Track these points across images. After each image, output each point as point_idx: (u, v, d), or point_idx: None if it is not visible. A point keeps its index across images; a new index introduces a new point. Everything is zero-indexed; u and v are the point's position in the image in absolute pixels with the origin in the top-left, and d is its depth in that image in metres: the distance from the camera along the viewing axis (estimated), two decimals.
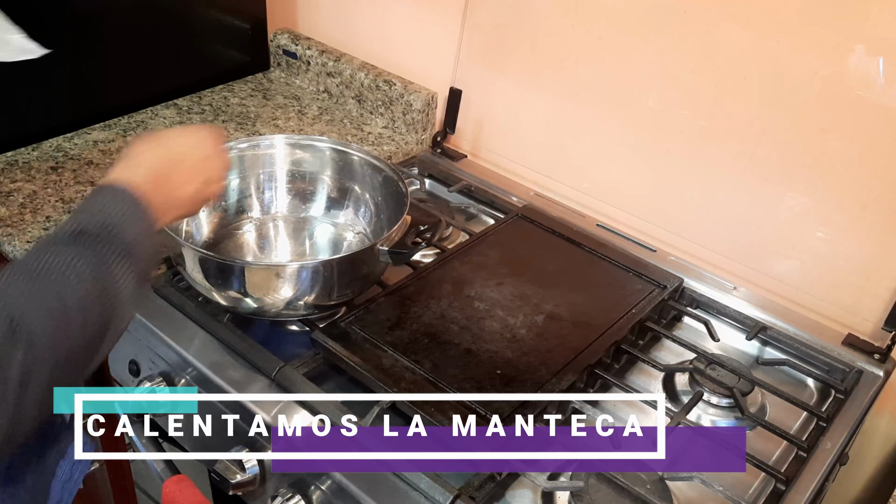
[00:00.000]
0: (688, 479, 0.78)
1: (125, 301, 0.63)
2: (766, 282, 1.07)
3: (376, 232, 1.04)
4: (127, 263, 0.63)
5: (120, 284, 0.63)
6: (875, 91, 0.90)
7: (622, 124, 1.13)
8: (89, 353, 0.61)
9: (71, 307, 0.58)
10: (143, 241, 0.66)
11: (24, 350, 0.54)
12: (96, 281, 0.60)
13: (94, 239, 0.63)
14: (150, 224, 0.68)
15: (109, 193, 0.67)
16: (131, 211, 0.67)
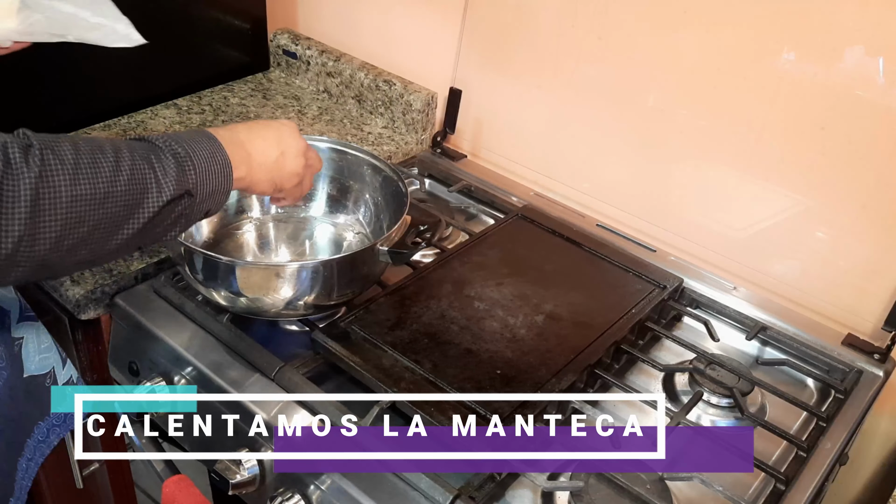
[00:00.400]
0: (687, 479, 0.78)
1: (162, 190, 0.65)
2: (766, 282, 1.07)
3: (376, 232, 1.04)
4: (173, 169, 0.65)
5: (158, 174, 0.64)
6: (875, 91, 0.91)
7: (622, 124, 1.13)
8: (110, 216, 0.62)
9: (101, 166, 0.60)
10: (202, 161, 0.69)
11: (40, 166, 0.56)
12: (132, 159, 0.63)
13: (150, 143, 0.66)
14: (217, 153, 0.71)
15: (189, 130, 0.72)
16: (200, 139, 0.70)
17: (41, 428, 0.83)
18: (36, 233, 0.56)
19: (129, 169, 0.62)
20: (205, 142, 0.70)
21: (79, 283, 0.91)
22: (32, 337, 0.82)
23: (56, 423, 0.85)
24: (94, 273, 0.93)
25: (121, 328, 0.95)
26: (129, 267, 0.95)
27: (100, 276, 0.93)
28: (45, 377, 0.83)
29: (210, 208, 0.72)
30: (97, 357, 0.99)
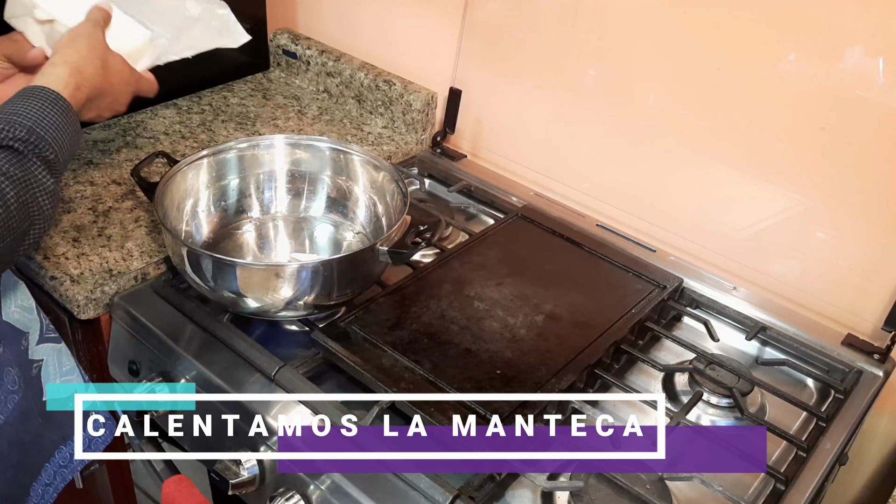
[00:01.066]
0: (687, 479, 0.78)
1: (44, 212, 0.65)
2: (766, 282, 1.07)
3: (376, 232, 1.04)
4: (50, 181, 0.66)
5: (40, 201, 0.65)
6: (875, 91, 0.91)
7: (622, 124, 1.13)
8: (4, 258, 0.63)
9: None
10: (63, 155, 0.68)
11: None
12: (17, 195, 0.62)
13: (18, 154, 0.64)
14: (73, 134, 0.70)
15: (43, 99, 0.69)
16: (60, 122, 0.68)
17: (63, 452, 0.81)
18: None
19: (15, 214, 0.62)
20: (62, 119, 0.69)
21: (79, 283, 0.91)
22: (53, 359, 0.81)
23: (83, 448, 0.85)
24: (94, 273, 0.93)
25: (121, 328, 0.95)
26: (129, 267, 0.95)
27: (100, 276, 0.93)
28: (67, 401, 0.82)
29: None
30: (97, 357, 0.98)
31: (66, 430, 0.82)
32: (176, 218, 0.96)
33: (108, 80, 0.78)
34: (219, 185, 1.03)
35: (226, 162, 1.02)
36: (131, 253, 0.97)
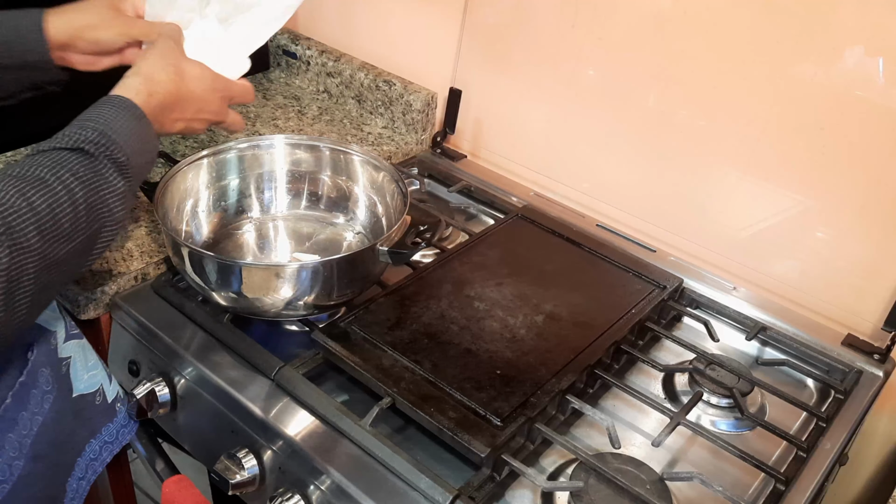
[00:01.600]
0: (687, 479, 0.78)
1: (115, 214, 0.65)
2: (766, 282, 1.07)
3: (376, 232, 1.04)
4: (121, 184, 0.65)
5: (111, 203, 0.64)
6: (875, 91, 0.91)
7: (622, 124, 1.13)
8: (77, 261, 0.62)
9: (60, 218, 0.59)
10: (136, 158, 0.68)
11: (8, 255, 0.55)
12: (86, 198, 0.62)
13: (89, 156, 0.64)
14: (150, 138, 0.70)
15: (117, 106, 0.69)
16: (132, 123, 0.68)
17: (93, 446, 0.82)
18: (11, 319, 0.56)
19: (85, 215, 0.61)
20: (136, 127, 0.69)
21: (79, 283, 0.91)
22: (80, 355, 0.81)
23: (108, 441, 0.85)
24: (94, 273, 0.93)
25: (121, 328, 0.95)
26: (129, 267, 0.95)
27: (100, 276, 0.93)
28: (95, 395, 0.82)
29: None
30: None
31: (94, 424, 0.82)
32: (176, 218, 0.96)
33: (187, 86, 0.77)
34: (219, 185, 1.03)
35: (226, 162, 1.03)
36: (131, 253, 0.97)
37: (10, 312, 0.55)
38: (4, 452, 0.68)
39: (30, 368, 0.72)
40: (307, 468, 0.78)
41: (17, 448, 0.69)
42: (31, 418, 0.71)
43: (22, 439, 0.70)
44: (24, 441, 0.70)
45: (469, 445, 0.75)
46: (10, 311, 0.55)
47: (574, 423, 0.87)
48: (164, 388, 0.90)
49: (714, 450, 0.85)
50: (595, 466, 0.78)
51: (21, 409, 0.70)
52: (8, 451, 0.68)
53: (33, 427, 0.72)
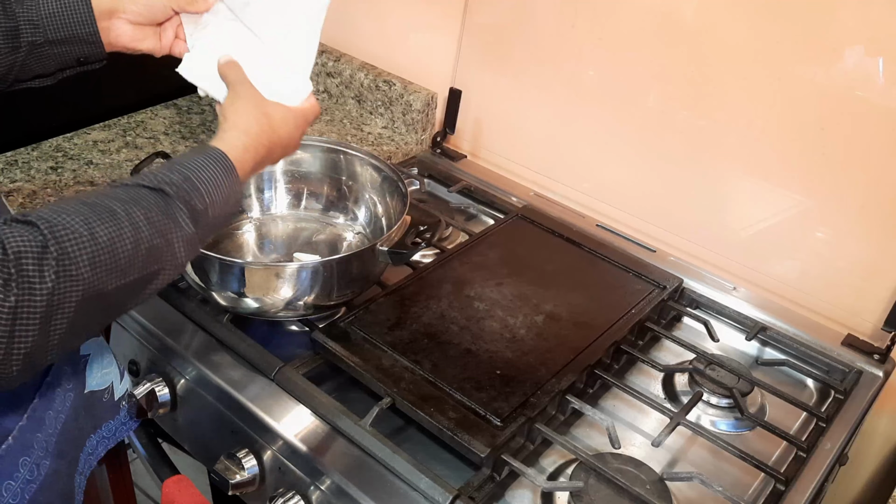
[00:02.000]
0: (687, 479, 0.78)
1: (177, 259, 0.63)
2: (766, 282, 1.07)
3: (376, 232, 1.04)
4: (190, 230, 0.63)
5: (175, 247, 0.62)
6: (875, 91, 0.91)
7: (622, 124, 1.13)
8: (125, 298, 0.60)
9: (118, 253, 0.57)
10: (216, 209, 0.66)
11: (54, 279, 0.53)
12: (150, 238, 0.60)
13: (166, 197, 0.62)
14: (233, 192, 0.68)
15: (209, 156, 0.68)
16: (219, 175, 0.67)
17: (92, 441, 0.83)
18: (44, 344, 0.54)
19: (144, 254, 0.59)
20: (222, 178, 0.67)
21: None
22: (97, 353, 0.81)
23: (106, 436, 0.85)
24: None
25: (121, 328, 0.95)
26: None
27: None
28: (104, 392, 0.83)
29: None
30: None
31: (97, 419, 0.83)
32: None
33: (277, 134, 0.77)
34: None
35: None
36: None
37: (45, 336, 0.54)
38: (34, 452, 0.68)
39: (54, 367, 0.72)
40: (307, 468, 0.78)
41: (44, 447, 0.70)
42: (55, 417, 0.72)
43: (48, 438, 0.70)
44: (49, 440, 0.71)
45: (469, 445, 0.75)
46: (45, 334, 0.54)
47: (574, 423, 0.87)
48: (164, 388, 0.90)
49: (714, 450, 0.85)
50: (595, 466, 0.78)
51: (48, 408, 0.70)
52: (37, 450, 0.69)
53: (57, 425, 0.72)
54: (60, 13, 0.75)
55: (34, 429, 0.68)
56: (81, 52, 0.77)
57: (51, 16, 0.74)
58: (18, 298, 0.51)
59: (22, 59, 0.75)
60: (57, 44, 0.76)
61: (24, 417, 0.67)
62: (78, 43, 0.76)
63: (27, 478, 0.67)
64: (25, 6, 0.74)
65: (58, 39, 0.75)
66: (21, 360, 0.53)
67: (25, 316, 0.52)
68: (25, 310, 0.52)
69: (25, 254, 0.52)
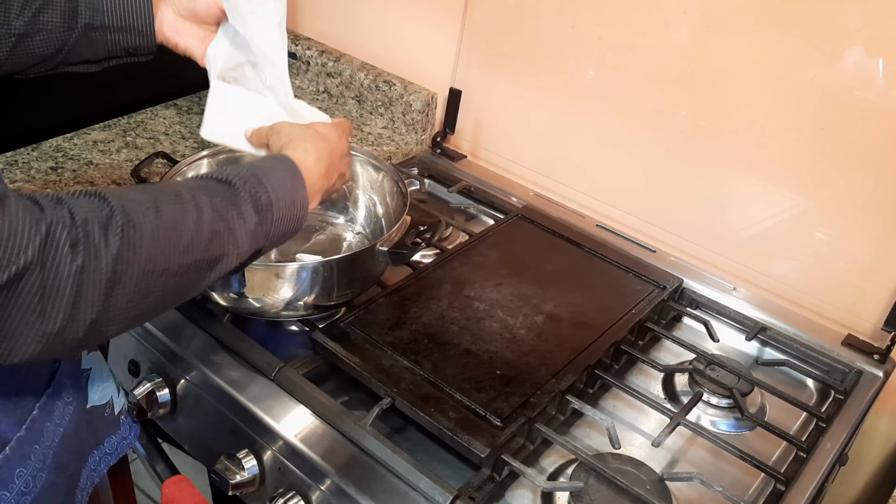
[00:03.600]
0: (687, 479, 0.78)
1: (240, 247, 0.63)
2: (766, 282, 1.07)
3: (376, 232, 1.04)
4: (254, 219, 0.64)
5: (238, 234, 0.63)
6: (875, 91, 0.91)
7: (622, 124, 1.13)
8: (187, 280, 0.61)
9: (181, 230, 0.58)
10: (282, 209, 0.67)
11: (118, 244, 0.54)
12: (212, 222, 0.61)
13: (232, 188, 0.64)
14: (299, 196, 0.69)
15: (277, 159, 0.70)
16: (287, 177, 0.68)
17: (94, 457, 0.82)
18: (108, 311, 0.55)
19: (208, 234, 0.60)
20: (289, 181, 0.69)
21: None
22: (97, 368, 0.82)
23: (108, 452, 0.85)
24: None
25: None
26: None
27: None
28: (105, 407, 0.83)
29: (275, 247, 0.70)
30: None
31: (100, 435, 0.83)
32: None
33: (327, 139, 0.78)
34: None
35: (226, 162, 1.02)
36: None
37: (109, 303, 0.54)
38: (30, 464, 0.68)
39: (56, 380, 0.72)
40: (307, 468, 0.78)
41: (42, 460, 0.69)
42: (54, 430, 0.71)
43: (45, 450, 0.70)
44: (47, 452, 0.70)
45: (469, 446, 0.75)
46: (109, 302, 0.54)
47: (574, 424, 0.87)
48: (164, 388, 0.90)
49: (714, 450, 0.85)
50: (595, 467, 0.78)
51: (46, 420, 0.70)
52: (34, 462, 0.68)
53: (55, 438, 0.72)
54: (121, 1, 0.77)
55: (32, 440, 0.68)
56: (133, 42, 0.79)
57: (112, 2, 0.77)
58: (85, 260, 0.52)
59: (74, 40, 0.77)
60: (112, 30, 0.78)
61: (23, 428, 0.67)
62: (132, 32, 0.79)
63: (22, 489, 0.67)
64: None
65: (114, 26, 0.77)
66: (88, 326, 0.54)
67: (91, 279, 0.52)
68: (91, 273, 0.52)
69: (92, 220, 0.53)
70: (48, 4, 0.75)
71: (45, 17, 0.75)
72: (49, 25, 0.75)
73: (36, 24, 0.75)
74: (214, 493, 1.05)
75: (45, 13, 0.75)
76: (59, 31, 0.76)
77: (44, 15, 0.75)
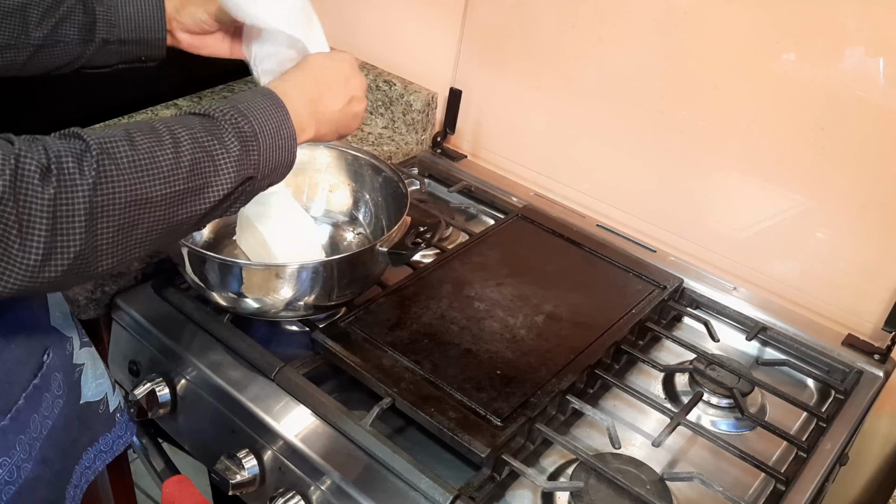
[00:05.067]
0: (688, 479, 0.78)
1: (221, 176, 0.63)
2: (766, 282, 1.07)
3: (376, 232, 1.04)
4: (237, 148, 0.63)
5: (220, 164, 0.62)
6: (875, 91, 0.91)
7: (622, 124, 1.13)
8: (172, 211, 0.60)
9: (159, 159, 0.58)
10: (266, 139, 0.66)
11: (94, 175, 0.54)
12: (192, 151, 0.60)
13: (212, 119, 0.63)
14: (285, 125, 0.68)
15: (257, 91, 0.69)
16: (268, 106, 0.67)
17: (89, 454, 0.82)
18: (93, 242, 0.55)
19: (188, 163, 0.60)
20: (271, 111, 0.68)
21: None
22: (90, 363, 0.81)
23: (104, 450, 0.84)
24: None
25: (121, 328, 0.95)
26: (128, 267, 0.95)
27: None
28: (99, 403, 0.82)
29: (272, 182, 0.70)
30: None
31: (94, 432, 0.82)
32: None
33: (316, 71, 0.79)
34: None
35: None
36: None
37: (93, 237, 0.54)
38: (15, 454, 0.68)
39: (44, 371, 0.71)
40: (307, 468, 0.78)
41: (27, 450, 0.69)
42: (41, 422, 0.71)
43: (32, 442, 0.70)
44: (33, 444, 0.70)
45: (469, 445, 0.75)
46: (93, 235, 0.54)
47: (574, 424, 0.87)
48: (165, 388, 0.90)
49: (714, 450, 0.85)
50: (595, 466, 0.78)
51: (33, 411, 0.70)
52: (18, 452, 0.68)
53: (42, 431, 0.71)
54: (137, 17, 0.80)
55: (17, 430, 0.68)
56: (145, 52, 0.82)
57: (128, 18, 0.79)
58: (58, 191, 0.52)
59: (91, 53, 0.79)
60: (127, 43, 0.80)
61: (7, 418, 0.66)
62: (145, 45, 0.81)
63: (6, 479, 0.67)
64: (105, 5, 0.78)
65: (129, 40, 0.80)
66: (69, 260, 0.54)
67: (67, 210, 0.52)
68: (66, 204, 0.52)
69: (66, 153, 0.53)
70: (67, 17, 0.76)
71: (63, 30, 0.77)
72: (67, 38, 0.77)
73: (55, 36, 0.76)
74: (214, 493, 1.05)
75: (64, 26, 0.76)
76: (76, 43, 0.77)
77: (63, 28, 0.76)
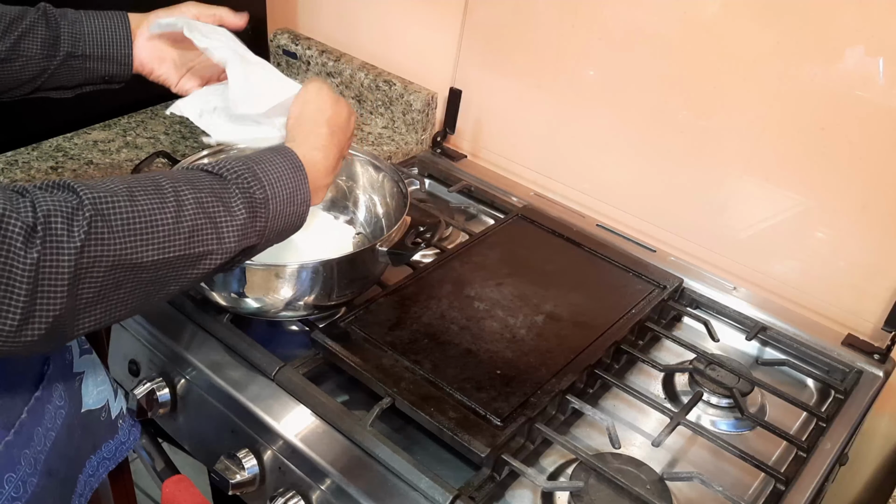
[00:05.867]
0: (687, 479, 0.78)
1: (224, 244, 0.60)
2: (766, 282, 1.07)
3: (376, 232, 1.04)
4: (243, 216, 0.60)
5: (224, 232, 0.59)
6: (875, 91, 0.91)
7: (622, 124, 1.13)
8: (164, 276, 0.57)
9: (158, 225, 0.55)
10: (278, 204, 0.64)
11: (83, 237, 0.51)
12: (194, 217, 0.57)
13: (222, 181, 0.60)
14: (300, 192, 0.66)
15: (279, 152, 0.67)
16: (286, 172, 0.65)
17: (92, 462, 0.81)
18: (73, 305, 0.52)
19: (188, 229, 0.56)
20: (290, 174, 0.65)
21: None
22: (91, 371, 0.81)
23: (106, 457, 0.84)
24: None
25: (121, 328, 0.95)
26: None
27: None
28: (101, 411, 0.82)
29: (273, 244, 0.67)
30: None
31: (97, 440, 0.82)
32: None
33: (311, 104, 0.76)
34: None
35: None
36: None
37: (72, 298, 0.51)
38: (20, 469, 0.66)
39: (45, 383, 0.70)
40: (307, 468, 0.78)
41: (32, 464, 0.68)
42: (45, 434, 0.70)
43: (36, 455, 0.69)
44: (38, 457, 0.69)
45: (469, 445, 0.75)
46: (72, 296, 0.51)
47: (574, 423, 0.87)
48: (165, 388, 0.90)
49: (714, 450, 0.85)
50: (595, 466, 0.78)
51: (36, 424, 0.69)
52: (24, 467, 0.67)
53: (47, 443, 0.71)
54: (102, 32, 0.79)
55: (21, 444, 0.67)
56: (110, 70, 0.81)
57: (93, 33, 0.79)
58: (42, 254, 0.49)
59: (54, 68, 0.78)
60: (92, 59, 0.79)
61: (11, 433, 0.65)
62: (111, 62, 0.80)
63: (12, 495, 0.65)
64: (69, 19, 0.78)
65: (94, 55, 0.79)
66: (48, 324, 0.51)
67: (50, 274, 0.50)
68: (50, 267, 0.50)
69: (56, 212, 0.50)
70: (29, 32, 0.76)
71: (24, 45, 0.76)
72: (29, 52, 0.76)
73: (16, 51, 0.76)
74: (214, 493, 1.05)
75: (25, 41, 0.76)
76: (39, 58, 0.77)
77: (24, 42, 0.76)
